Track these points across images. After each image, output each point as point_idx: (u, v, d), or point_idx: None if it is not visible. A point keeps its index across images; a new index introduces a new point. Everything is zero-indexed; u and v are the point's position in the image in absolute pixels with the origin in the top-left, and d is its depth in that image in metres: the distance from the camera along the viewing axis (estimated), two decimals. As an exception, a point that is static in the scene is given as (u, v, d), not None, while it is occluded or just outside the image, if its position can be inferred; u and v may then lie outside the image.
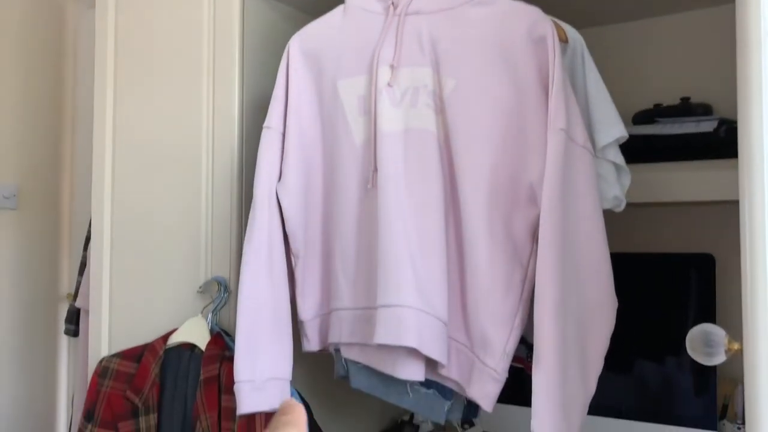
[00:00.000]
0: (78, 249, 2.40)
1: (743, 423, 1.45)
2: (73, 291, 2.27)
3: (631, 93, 1.72)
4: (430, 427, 1.80)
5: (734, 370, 1.55)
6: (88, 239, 1.93)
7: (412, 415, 1.81)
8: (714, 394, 1.46)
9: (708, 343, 0.66)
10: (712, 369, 1.46)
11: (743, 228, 0.62)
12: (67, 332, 2.06)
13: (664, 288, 1.53)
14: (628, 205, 1.50)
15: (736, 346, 0.64)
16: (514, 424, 1.67)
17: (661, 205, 1.58)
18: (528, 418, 1.64)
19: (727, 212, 1.59)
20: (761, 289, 0.55)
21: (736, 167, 1.40)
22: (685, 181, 1.43)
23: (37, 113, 2.31)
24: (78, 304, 1.97)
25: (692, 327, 1.49)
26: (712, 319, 1.46)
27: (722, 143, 1.45)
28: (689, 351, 0.70)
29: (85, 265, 1.95)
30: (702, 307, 1.47)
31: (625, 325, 1.57)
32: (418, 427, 1.77)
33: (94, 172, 1.60)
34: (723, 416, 1.50)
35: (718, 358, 0.68)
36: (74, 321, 2.03)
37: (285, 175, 1.23)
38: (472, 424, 1.72)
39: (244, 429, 1.22)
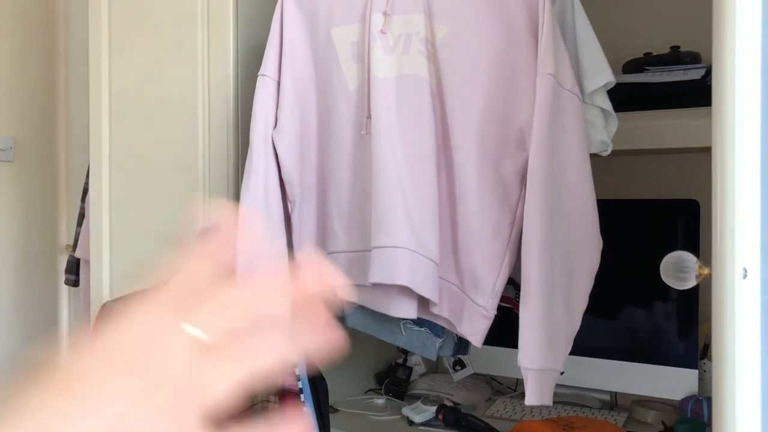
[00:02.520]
0: (76, 200, 2.42)
1: (723, 362, 1.51)
2: (72, 242, 2.30)
3: (620, 42, 1.73)
4: (422, 369, 1.86)
5: (716, 313, 1.60)
6: (85, 190, 1.94)
7: (405, 359, 1.86)
8: (695, 336, 1.52)
9: (680, 269, 0.70)
10: (694, 311, 1.52)
11: (714, 167, 0.66)
12: (67, 282, 2.08)
13: (650, 234, 1.58)
14: (616, 152, 1.54)
15: (706, 271, 0.68)
16: (503, 366, 1.73)
17: (648, 152, 1.61)
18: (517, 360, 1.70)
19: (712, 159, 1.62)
20: (728, 220, 0.59)
21: (722, 114, 1.43)
22: (672, 129, 1.46)
23: (30, 64, 2.31)
24: (77, 254, 1.99)
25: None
26: (695, 262, 1.50)
27: (709, 91, 1.47)
28: (663, 276, 0.74)
29: (83, 215, 1.97)
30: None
31: (611, 271, 1.61)
32: (411, 369, 1.83)
33: (91, 122, 1.62)
34: (704, 356, 1.56)
35: (690, 283, 0.72)
36: (74, 271, 2.06)
37: (280, 121, 1.26)
38: (463, 366, 1.78)
39: (244, 368, 1.26)
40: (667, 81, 1.50)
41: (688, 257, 0.71)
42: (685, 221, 1.53)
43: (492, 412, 1.66)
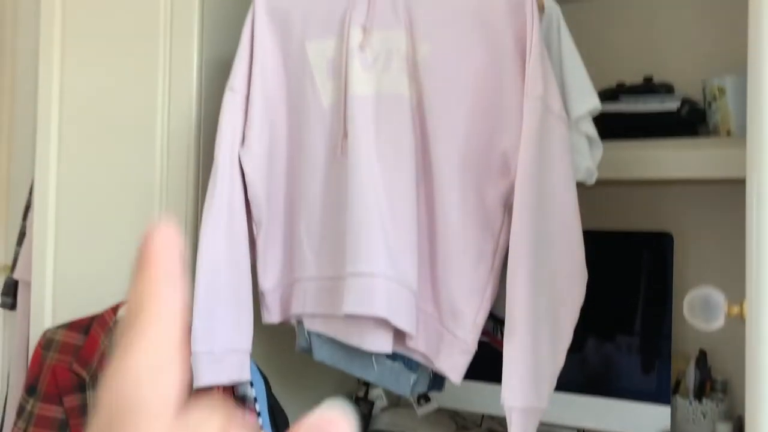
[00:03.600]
0: (16, 218, 2.28)
1: (696, 398, 1.47)
2: (10, 262, 2.16)
3: (594, 71, 1.70)
4: (384, 403, 1.78)
5: (687, 348, 1.57)
6: (27, 208, 1.83)
7: (366, 391, 1.78)
8: (668, 371, 1.48)
9: (707, 307, 0.65)
10: (667, 345, 1.48)
11: (749, 199, 0.61)
12: (3, 305, 1.95)
13: (621, 266, 1.54)
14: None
15: (736, 309, 0.63)
16: (469, 400, 1.66)
17: (622, 183, 1.58)
18: (486, 394, 1.64)
19: (687, 191, 1.60)
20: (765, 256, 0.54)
21: (697, 147, 1.41)
22: (648, 159, 1.44)
23: (-28, 73, 2.17)
24: (17, 275, 1.87)
25: (649, 304, 1.50)
26: (669, 296, 1.46)
27: (684, 122, 1.46)
28: (687, 315, 0.69)
29: (24, 234, 1.86)
30: (660, 285, 1.49)
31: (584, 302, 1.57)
32: (372, 403, 1.75)
33: (38, 135, 1.51)
34: (675, 392, 1.52)
35: (717, 323, 0.67)
36: (11, 294, 1.93)
37: (248, 139, 1.18)
38: (427, 400, 1.71)
39: (200, 403, 1.16)
40: (643, 111, 1.48)
41: (715, 294, 0.66)
42: (657, 254, 1.50)
43: (458, 450, 1.59)
